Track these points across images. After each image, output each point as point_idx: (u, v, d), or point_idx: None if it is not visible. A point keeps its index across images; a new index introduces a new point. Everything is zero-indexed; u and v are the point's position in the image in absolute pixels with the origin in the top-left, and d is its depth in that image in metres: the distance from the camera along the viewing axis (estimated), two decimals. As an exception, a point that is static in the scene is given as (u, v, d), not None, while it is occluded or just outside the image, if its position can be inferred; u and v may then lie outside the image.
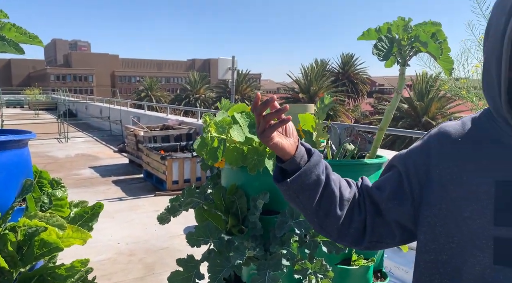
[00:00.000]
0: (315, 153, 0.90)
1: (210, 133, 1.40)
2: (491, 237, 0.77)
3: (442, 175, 0.84)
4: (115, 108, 15.22)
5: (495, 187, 0.77)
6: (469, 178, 0.81)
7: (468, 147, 0.83)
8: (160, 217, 1.92)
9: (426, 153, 0.88)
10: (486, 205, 0.78)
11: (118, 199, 6.26)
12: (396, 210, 0.90)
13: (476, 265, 0.78)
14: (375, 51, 1.63)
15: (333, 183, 0.91)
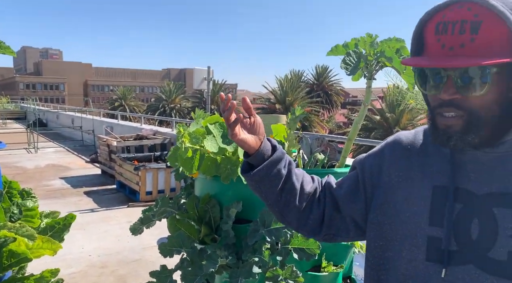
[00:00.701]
0: (279, 150, 0.98)
1: (184, 143, 1.42)
2: (425, 236, 0.85)
3: (391, 178, 0.93)
4: (87, 117, 14.92)
5: (432, 191, 0.86)
6: (413, 182, 0.89)
7: (415, 155, 0.92)
8: (133, 228, 1.91)
9: (380, 158, 0.97)
10: (424, 207, 0.86)
11: (90, 210, 6.13)
12: (351, 207, 0.98)
13: (412, 261, 0.86)
14: (343, 66, 1.71)
15: (294, 177, 0.99)
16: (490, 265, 0.78)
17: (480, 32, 0.73)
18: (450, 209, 0.82)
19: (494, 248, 0.78)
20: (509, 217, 0.78)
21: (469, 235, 0.80)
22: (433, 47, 0.79)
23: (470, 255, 0.80)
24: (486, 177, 0.82)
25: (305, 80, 40.63)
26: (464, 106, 0.77)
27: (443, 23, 0.77)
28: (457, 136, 0.79)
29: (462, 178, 0.83)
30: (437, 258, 0.83)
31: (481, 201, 0.81)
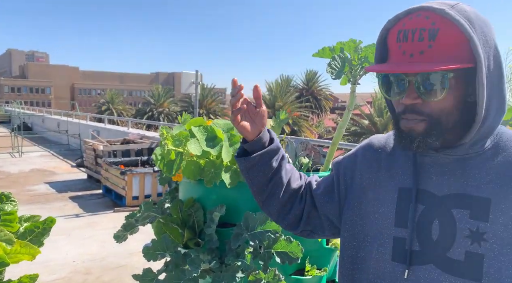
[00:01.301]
0: (275, 143, 1.01)
1: (166, 146, 1.41)
2: (391, 236, 0.88)
3: (363, 180, 0.97)
4: (73, 121, 14.74)
5: (398, 193, 0.90)
6: (382, 184, 0.93)
7: (385, 157, 0.96)
8: (117, 235, 1.89)
9: (353, 160, 1.02)
10: (391, 208, 0.89)
11: (75, 215, 6.04)
12: (326, 206, 1.02)
13: (380, 261, 0.89)
14: (328, 70, 1.72)
15: (283, 172, 1.03)
16: (448, 265, 0.81)
17: (437, 39, 0.77)
18: (413, 210, 0.85)
19: (453, 248, 0.81)
20: (466, 218, 0.81)
21: (430, 235, 0.83)
22: (395, 54, 0.83)
23: (431, 255, 0.83)
24: (446, 179, 0.85)
25: (294, 84, 40.82)
26: (425, 111, 0.81)
27: (403, 31, 0.81)
28: (420, 138, 0.82)
29: (424, 180, 0.87)
30: (402, 258, 0.86)
31: (441, 202, 0.84)
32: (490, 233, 0.78)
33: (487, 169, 0.83)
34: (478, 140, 0.84)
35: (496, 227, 0.78)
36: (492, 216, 0.79)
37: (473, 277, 0.78)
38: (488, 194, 0.81)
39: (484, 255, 0.78)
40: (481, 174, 0.82)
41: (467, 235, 0.80)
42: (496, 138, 0.87)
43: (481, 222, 0.79)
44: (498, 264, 0.78)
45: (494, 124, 0.84)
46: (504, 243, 0.78)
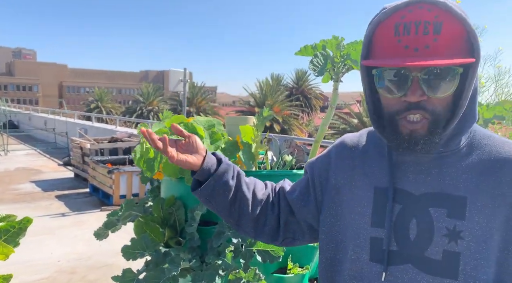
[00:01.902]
0: (223, 163, 0.98)
1: (145, 143, 1.39)
2: (368, 236, 0.86)
3: (337, 180, 0.94)
4: (61, 119, 14.58)
5: (373, 192, 0.88)
6: (357, 184, 0.91)
7: (359, 157, 0.94)
8: (97, 233, 1.86)
9: (327, 161, 0.99)
10: (367, 208, 0.88)
11: (61, 214, 5.96)
12: (304, 211, 0.99)
13: (357, 262, 0.87)
14: (311, 67, 1.72)
15: (244, 187, 1.00)
16: (426, 264, 0.80)
17: (442, 32, 0.74)
18: (390, 210, 0.84)
19: (430, 247, 0.80)
20: (444, 217, 0.80)
21: (407, 235, 0.82)
22: (394, 49, 0.77)
23: (408, 255, 0.82)
24: (423, 178, 0.83)
25: (284, 83, 40.84)
26: (430, 108, 0.78)
27: (403, 23, 0.76)
28: (424, 139, 0.79)
29: (401, 179, 0.85)
30: (380, 259, 0.84)
31: (419, 201, 0.83)
32: (466, 231, 0.78)
33: (463, 167, 0.82)
34: (452, 137, 0.83)
35: (472, 225, 0.78)
36: (468, 214, 0.79)
37: (450, 276, 0.78)
38: (464, 192, 0.80)
39: (461, 253, 0.78)
40: (457, 172, 0.82)
41: (444, 233, 0.79)
42: (470, 136, 0.86)
43: (458, 221, 0.79)
44: (474, 262, 0.78)
45: (468, 119, 0.83)
46: (480, 240, 0.78)
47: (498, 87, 2.24)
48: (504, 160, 0.81)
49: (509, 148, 0.83)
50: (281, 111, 33.17)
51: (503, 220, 0.78)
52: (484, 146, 0.84)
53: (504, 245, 0.79)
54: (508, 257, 0.79)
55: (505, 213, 0.79)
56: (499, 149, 0.83)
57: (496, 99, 2.32)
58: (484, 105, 2.17)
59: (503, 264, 0.79)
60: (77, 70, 77.13)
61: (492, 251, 0.78)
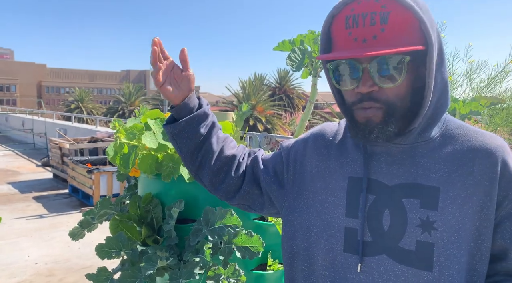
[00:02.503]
0: (202, 109, 0.97)
1: (119, 139, 1.35)
2: (342, 227, 0.85)
3: (312, 167, 0.93)
4: (39, 119, 14.23)
5: (348, 182, 0.87)
6: (331, 173, 0.90)
7: (335, 146, 0.93)
8: (72, 233, 1.81)
9: (304, 146, 0.98)
10: (341, 198, 0.87)
11: (39, 216, 5.81)
12: (271, 187, 0.98)
13: (331, 252, 0.86)
14: (288, 62, 1.71)
15: (214, 139, 0.99)
16: (400, 255, 0.80)
17: (389, 22, 0.74)
18: (364, 200, 0.83)
19: (404, 238, 0.80)
20: (417, 208, 0.80)
21: (381, 225, 0.82)
22: (345, 41, 0.78)
23: (382, 245, 0.82)
24: (396, 169, 0.83)
25: (267, 83, 40.92)
26: (382, 98, 0.78)
27: (352, 16, 0.77)
28: (378, 128, 0.79)
29: (374, 170, 0.85)
30: (354, 249, 0.84)
31: (392, 192, 0.83)
32: (439, 222, 0.78)
33: (436, 158, 0.82)
34: (426, 127, 0.83)
35: (445, 215, 0.79)
36: (441, 204, 0.79)
37: (424, 266, 0.78)
38: (437, 182, 0.80)
39: (434, 243, 0.78)
40: (430, 162, 0.82)
41: (418, 224, 0.79)
42: (443, 126, 0.86)
43: (431, 211, 0.79)
44: (448, 252, 0.78)
45: (440, 108, 0.83)
46: (453, 230, 0.78)
47: (471, 80, 2.28)
48: (476, 149, 0.82)
49: (481, 137, 0.83)
50: (264, 111, 33.24)
51: (476, 209, 0.79)
52: (457, 136, 0.84)
53: (477, 235, 0.80)
54: (481, 246, 0.80)
55: (477, 203, 0.79)
56: (472, 139, 0.84)
57: (470, 94, 2.36)
58: (460, 100, 2.21)
59: (477, 254, 0.80)
60: (57, 69, 75.52)
61: (465, 241, 0.79)
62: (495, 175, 0.79)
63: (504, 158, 0.81)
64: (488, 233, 0.80)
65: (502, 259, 0.83)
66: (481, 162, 0.80)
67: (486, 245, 0.80)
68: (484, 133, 0.85)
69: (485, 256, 0.80)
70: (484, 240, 0.80)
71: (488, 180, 0.79)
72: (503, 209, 0.80)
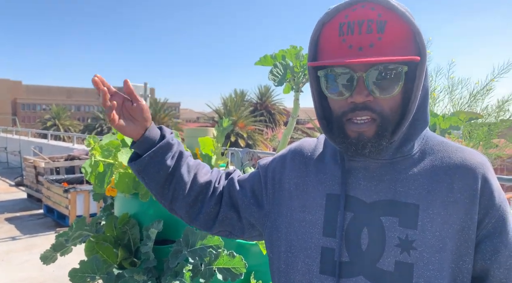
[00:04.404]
0: (165, 139, 0.91)
1: (94, 157, 1.29)
2: (319, 246, 0.81)
3: (290, 185, 0.89)
4: (14, 137, 13.81)
5: (325, 199, 0.83)
6: (309, 189, 0.86)
7: (313, 162, 0.89)
8: (44, 256, 1.71)
9: (282, 163, 0.93)
10: (319, 216, 0.82)
11: (11, 238, 5.56)
12: (250, 209, 0.93)
13: (307, 274, 0.81)
14: (270, 77, 1.69)
15: (183, 169, 0.93)
16: (378, 276, 0.76)
17: (386, 31, 0.72)
18: (341, 218, 0.79)
19: (382, 258, 0.76)
20: (396, 226, 0.76)
21: (359, 245, 0.78)
22: (339, 49, 0.74)
23: (360, 266, 0.78)
24: (375, 185, 0.80)
25: (248, 99, 41.16)
26: (377, 108, 0.74)
27: (347, 23, 0.74)
28: (371, 143, 0.75)
29: (352, 186, 0.81)
30: (330, 271, 0.79)
31: (370, 209, 0.79)
32: (419, 241, 0.75)
33: (415, 174, 0.79)
34: (404, 142, 0.80)
35: (424, 234, 0.75)
36: (420, 223, 0.75)
37: None
38: (416, 200, 0.77)
39: (414, 264, 0.74)
40: (408, 179, 0.79)
41: (396, 243, 0.76)
42: (423, 142, 0.83)
43: (410, 230, 0.75)
44: (428, 273, 0.74)
45: (420, 123, 0.80)
46: (433, 250, 0.75)
47: (453, 97, 2.31)
48: (456, 166, 0.79)
49: (462, 154, 0.81)
50: (245, 127, 33.29)
51: (457, 228, 0.76)
52: (437, 152, 0.82)
53: (458, 255, 0.76)
54: (462, 267, 0.76)
55: (458, 222, 0.76)
56: (452, 155, 0.81)
57: (451, 109, 2.39)
58: (440, 115, 2.23)
59: (458, 275, 0.76)
60: (33, 86, 74.03)
61: (446, 261, 0.75)
62: (476, 193, 0.77)
63: (484, 175, 0.78)
64: (470, 253, 0.76)
65: (483, 281, 0.80)
66: (461, 179, 0.78)
67: (467, 266, 0.77)
68: (464, 149, 0.82)
69: (467, 278, 0.77)
70: (465, 261, 0.76)
71: (468, 198, 0.76)
72: (483, 227, 0.77)
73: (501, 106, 2.42)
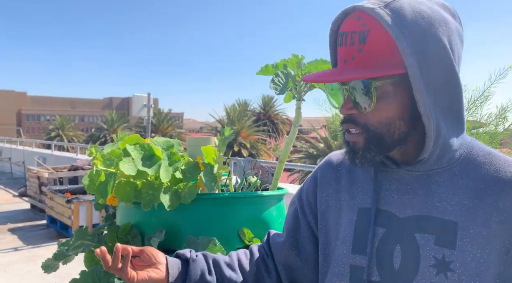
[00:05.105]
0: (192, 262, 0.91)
1: (95, 166, 1.29)
2: (348, 264, 0.77)
3: (322, 203, 0.87)
4: (18, 148, 13.88)
5: (357, 214, 0.79)
6: (342, 205, 0.83)
7: (344, 176, 0.86)
8: (46, 265, 1.69)
9: (314, 183, 0.91)
10: (349, 232, 0.79)
11: (13, 249, 5.55)
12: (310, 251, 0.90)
13: None
14: (272, 86, 1.69)
15: (227, 272, 0.91)
16: None
17: (367, 41, 0.69)
18: (372, 234, 0.75)
19: (416, 279, 0.70)
20: (431, 244, 0.70)
21: (391, 264, 0.73)
22: (338, 59, 0.76)
23: None
24: (409, 199, 0.74)
25: (251, 109, 41.28)
26: (360, 122, 0.73)
27: (340, 34, 0.74)
28: (360, 153, 0.74)
29: (385, 199, 0.76)
30: None
31: (404, 225, 0.73)
32: (457, 263, 0.68)
33: (454, 188, 0.72)
34: (442, 152, 0.72)
35: (464, 255, 0.68)
36: (459, 242, 0.69)
37: None
38: (454, 216, 0.70)
39: None
40: (447, 193, 0.71)
41: (432, 264, 0.69)
42: (465, 151, 0.75)
43: (447, 249, 0.69)
44: None
45: (450, 135, 0.72)
46: (473, 274, 0.67)
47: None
48: (504, 181, 0.70)
49: (510, 168, 0.72)
50: (248, 136, 33.33)
51: (501, 252, 0.68)
52: (481, 164, 0.73)
53: (501, 281, 0.69)
54: None
55: (503, 244, 0.68)
56: (500, 168, 0.72)
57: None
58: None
59: None
60: (38, 97, 74.63)
61: None
62: None
63: None
64: None
65: None
66: (510, 197, 0.69)
67: None
68: None
69: None
70: None
71: None
72: None
73: (502, 114, 2.40)
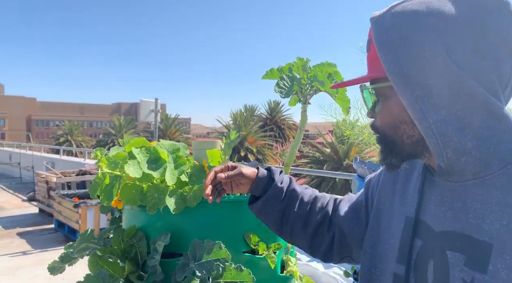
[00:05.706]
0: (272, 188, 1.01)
1: (101, 169, 1.30)
2: (392, 273, 0.76)
3: (380, 202, 0.87)
4: (27, 153, 14.03)
5: (404, 223, 0.77)
6: (394, 210, 0.82)
7: (400, 180, 0.84)
8: (52, 267, 1.71)
9: (378, 178, 0.93)
10: (396, 241, 0.78)
11: (22, 253, 5.59)
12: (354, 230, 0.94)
13: None
14: (277, 89, 1.69)
15: (297, 207, 0.99)
16: None
17: (370, 48, 0.74)
18: (410, 245, 0.73)
19: None
20: (461, 265, 0.65)
21: (425, 279, 0.70)
22: None
23: None
24: (444, 211, 0.70)
25: (258, 114, 41.28)
26: (375, 127, 0.77)
27: None
28: (382, 157, 0.77)
29: (425, 210, 0.73)
30: None
31: (438, 239, 0.69)
32: None
33: (492, 204, 0.63)
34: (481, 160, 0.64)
35: (495, 281, 0.61)
36: (492, 267, 0.61)
37: None
38: (489, 237, 0.62)
39: None
40: (483, 209, 0.64)
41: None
42: (510, 161, 0.64)
43: (478, 273, 0.62)
44: None
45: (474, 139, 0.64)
46: None
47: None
48: None
49: None
50: (255, 141, 33.34)
51: None
52: None
53: None
54: None
55: None
56: None
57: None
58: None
59: None
60: (47, 103, 75.42)
61: None
62: None
63: None
64: None
65: None
66: None
67: None
68: None
69: None
70: None
71: None
72: None
73: None
